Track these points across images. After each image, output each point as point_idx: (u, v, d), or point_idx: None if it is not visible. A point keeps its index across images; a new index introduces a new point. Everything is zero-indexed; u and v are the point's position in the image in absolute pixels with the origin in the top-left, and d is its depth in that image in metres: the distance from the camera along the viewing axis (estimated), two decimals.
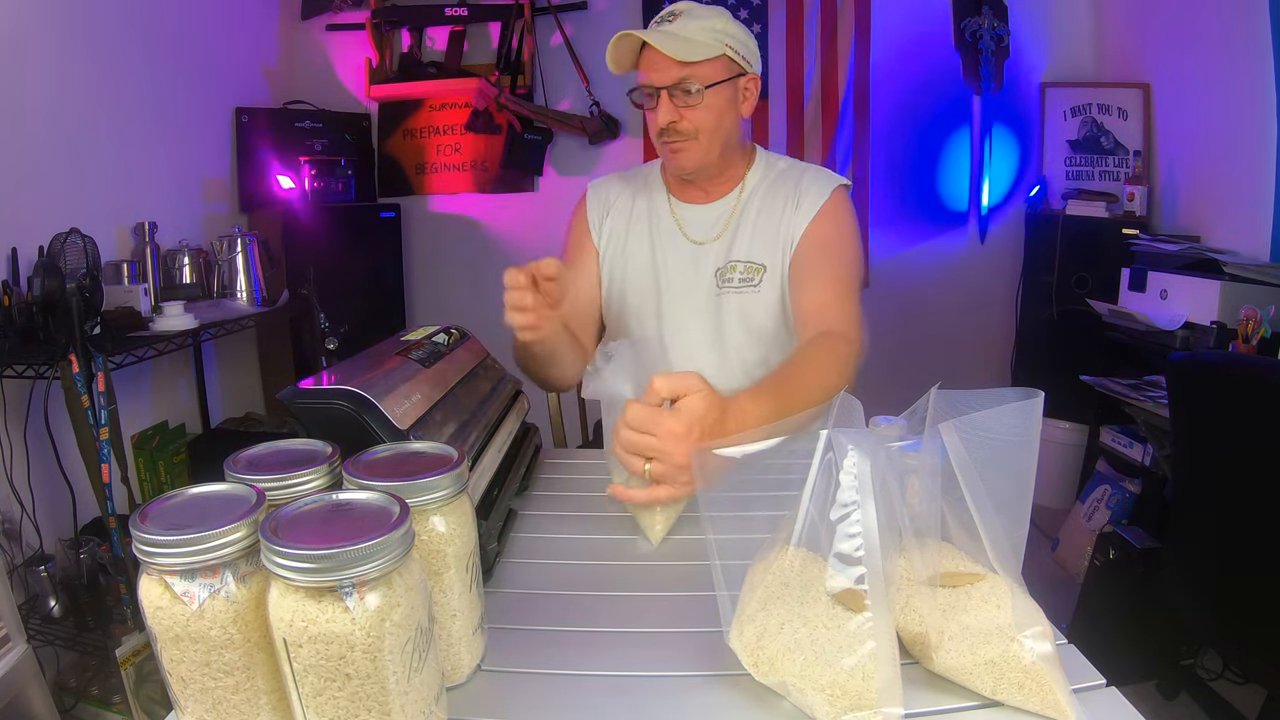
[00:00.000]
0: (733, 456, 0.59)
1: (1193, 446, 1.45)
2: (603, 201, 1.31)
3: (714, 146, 1.16)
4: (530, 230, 3.07)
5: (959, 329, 3.06)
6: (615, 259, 1.28)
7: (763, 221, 1.20)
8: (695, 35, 1.09)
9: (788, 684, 0.52)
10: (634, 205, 1.29)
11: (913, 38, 2.92)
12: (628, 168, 1.37)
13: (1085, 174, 2.84)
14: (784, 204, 1.19)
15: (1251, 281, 1.95)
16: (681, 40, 1.08)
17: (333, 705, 0.44)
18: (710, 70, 1.10)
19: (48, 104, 1.88)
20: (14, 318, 1.57)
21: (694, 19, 1.10)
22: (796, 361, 0.97)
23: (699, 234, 1.24)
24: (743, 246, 1.20)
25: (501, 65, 2.89)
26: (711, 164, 1.19)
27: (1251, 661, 1.38)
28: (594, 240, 1.30)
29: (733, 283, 1.20)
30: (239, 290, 2.23)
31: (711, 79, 1.11)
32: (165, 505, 0.48)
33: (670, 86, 1.10)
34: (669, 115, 1.12)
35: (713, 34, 1.10)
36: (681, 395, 0.72)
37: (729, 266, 1.20)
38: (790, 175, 1.23)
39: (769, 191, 1.22)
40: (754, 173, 1.25)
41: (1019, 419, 0.53)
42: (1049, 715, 0.51)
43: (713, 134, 1.14)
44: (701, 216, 1.24)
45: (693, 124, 1.12)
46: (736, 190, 1.24)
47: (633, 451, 0.72)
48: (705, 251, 1.23)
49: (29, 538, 1.71)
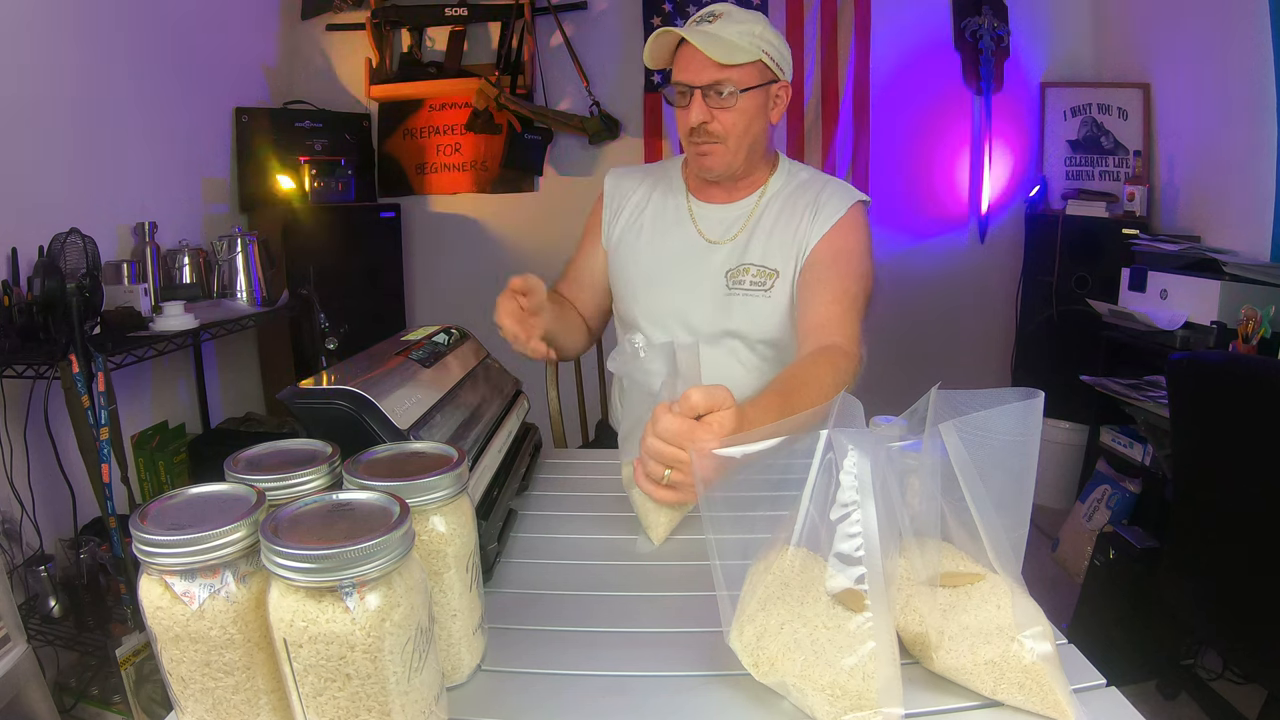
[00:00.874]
0: (733, 457, 0.59)
1: (1193, 446, 1.45)
2: (619, 193, 1.32)
3: (740, 151, 1.16)
4: (530, 230, 3.07)
5: (959, 329, 3.06)
6: (627, 251, 1.29)
7: (780, 228, 1.20)
8: (734, 38, 1.09)
9: (788, 684, 0.52)
10: (650, 199, 1.30)
11: (913, 38, 2.92)
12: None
13: (1085, 174, 2.84)
14: (802, 212, 1.20)
15: (1251, 281, 1.95)
16: (721, 42, 1.09)
17: (333, 705, 0.44)
18: (745, 75, 1.11)
19: (48, 104, 1.88)
20: (14, 318, 1.57)
21: (733, 22, 1.11)
22: (801, 374, 0.96)
23: (714, 233, 1.24)
24: (757, 250, 1.20)
25: (501, 65, 2.90)
26: (737, 168, 1.19)
27: (1251, 661, 1.38)
28: (604, 231, 1.32)
29: (744, 285, 1.20)
30: (239, 290, 2.23)
31: (746, 83, 1.11)
32: (165, 505, 0.48)
33: (705, 87, 1.11)
34: (701, 115, 1.12)
35: (751, 38, 1.10)
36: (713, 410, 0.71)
37: (742, 269, 1.20)
38: (812, 186, 1.23)
39: (789, 199, 1.22)
40: (776, 179, 1.25)
41: (1019, 419, 0.53)
42: (1049, 715, 0.51)
43: (741, 138, 1.15)
44: (719, 216, 1.25)
45: (723, 126, 1.13)
46: (757, 194, 1.24)
47: (659, 460, 0.72)
48: (718, 251, 1.23)
49: (29, 538, 1.71)
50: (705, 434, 0.70)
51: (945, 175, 3.01)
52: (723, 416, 0.71)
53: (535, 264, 3.27)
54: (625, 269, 1.29)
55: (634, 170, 1.36)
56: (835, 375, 0.96)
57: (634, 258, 1.28)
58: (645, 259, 1.27)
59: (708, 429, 0.70)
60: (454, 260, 3.14)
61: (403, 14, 2.91)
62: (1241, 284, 1.95)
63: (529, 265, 1.06)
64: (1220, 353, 1.83)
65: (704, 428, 0.70)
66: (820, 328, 1.08)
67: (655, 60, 1.16)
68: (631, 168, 1.38)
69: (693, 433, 0.70)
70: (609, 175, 1.36)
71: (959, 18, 2.88)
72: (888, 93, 2.93)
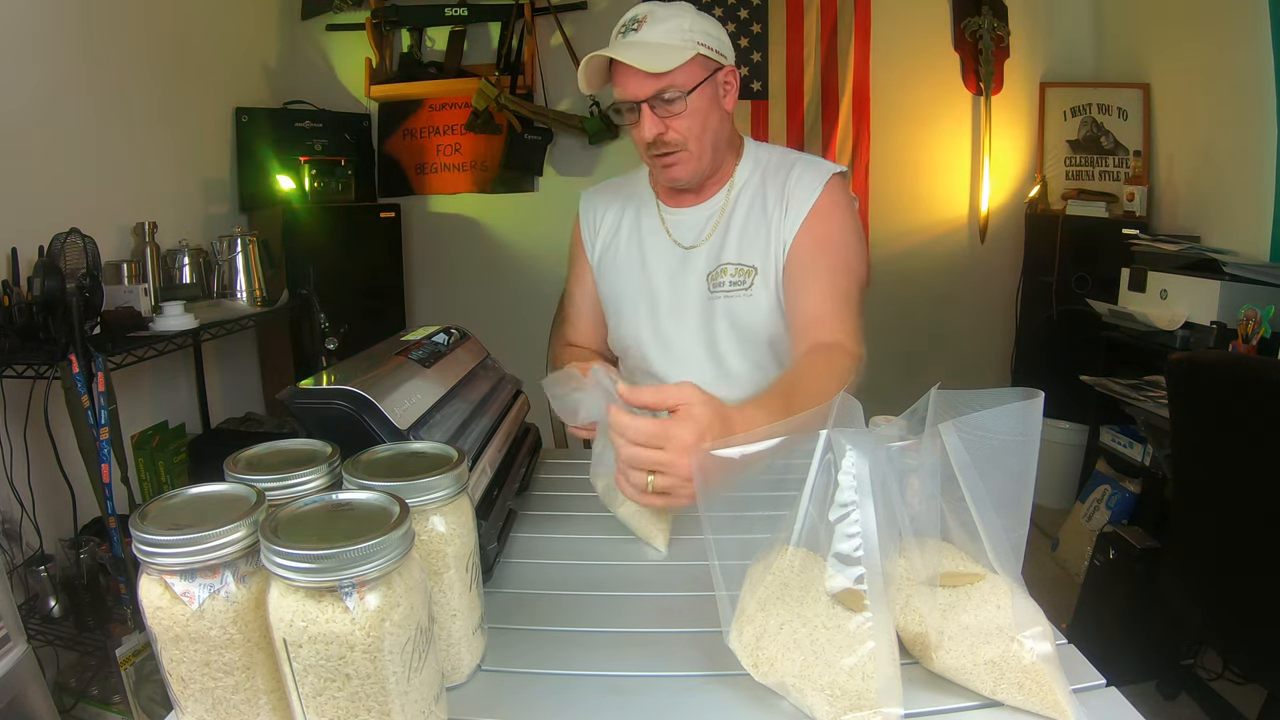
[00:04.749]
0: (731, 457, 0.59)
1: (1193, 446, 1.45)
2: (592, 215, 1.29)
3: (705, 152, 1.12)
4: (530, 230, 3.07)
5: (959, 329, 3.06)
6: (607, 271, 1.27)
7: (752, 222, 1.15)
8: (664, 40, 1.04)
9: (787, 684, 0.52)
10: (623, 216, 1.26)
11: (913, 38, 2.92)
12: (627, 170, 1.36)
13: (1085, 174, 2.84)
14: (774, 204, 1.14)
15: (1251, 281, 1.95)
16: (650, 49, 1.03)
17: (332, 705, 0.44)
18: (686, 74, 1.05)
19: (48, 104, 1.88)
20: (14, 318, 1.57)
21: (659, 22, 1.05)
22: (801, 373, 0.94)
23: (687, 238, 1.20)
24: (732, 248, 1.16)
25: (501, 65, 2.90)
26: (706, 169, 1.15)
27: (1251, 661, 1.38)
28: (587, 255, 1.29)
29: (724, 286, 1.15)
30: (239, 290, 2.23)
31: (690, 83, 1.05)
32: (165, 505, 0.48)
33: (649, 99, 1.05)
34: (654, 128, 1.07)
35: (681, 35, 1.04)
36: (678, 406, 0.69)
37: (719, 270, 1.16)
38: (780, 170, 1.16)
39: (758, 189, 1.17)
40: (742, 168, 1.20)
41: (1019, 419, 0.53)
42: (1049, 715, 0.51)
43: (700, 139, 1.10)
44: (690, 220, 1.21)
45: (680, 133, 1.08)
46: (724, 190, 1.19)
47: (638, 466, 0.69)
48: (694, 255, 1.19)
49: (29, 538, 1.71)
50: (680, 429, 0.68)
51: (945, 175, 3.01)
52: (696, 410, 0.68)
53: (535, 264, 3.29)
54: (609, 291, 1.26)
55: (604, 189, 1.32)
56: (836, 375, 0.93)
57: (615, 279, 1.25)
58: (625, 278, 1.24)
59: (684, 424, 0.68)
60: (454, 260, 3.14)
61: (403, 14, 2.92)
62: (1241, 284, 1.95)
63: (529, 265, 1.06)
64: (1220, 353, 1.83)
65: (677, 423, 0.68)
66: (814, 325, 1.04)
67: (592, 84, 1.10)
68: (601, 187, 1.33)
69: (667, 430, 0.67)
70: (581, 198, 1.32)
71: (959, 18, 2.88)
72: (888, 93, 2.93)
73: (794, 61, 2.92)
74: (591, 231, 1.29)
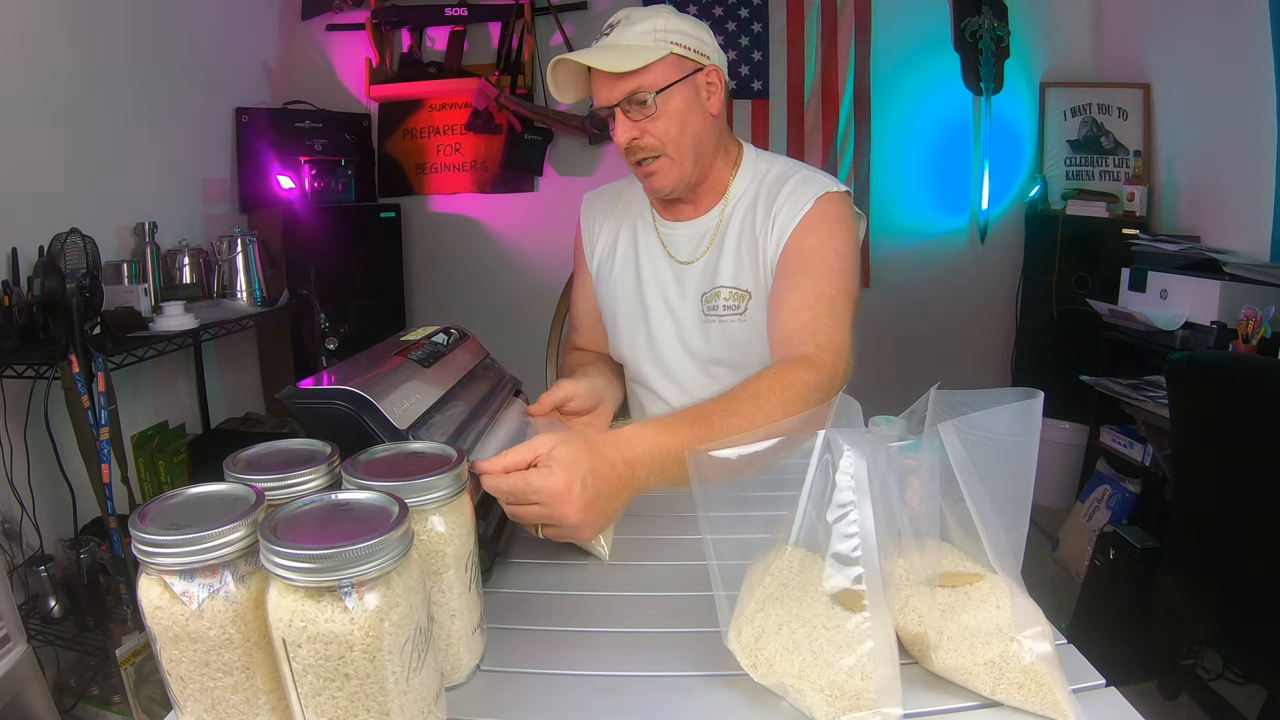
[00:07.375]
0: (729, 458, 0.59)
1: (1193, 446, 1.45)
2: (591, 222, 1.27)
3: (685, 158, 1.06)
4: (530, 230, 3.07)
5: (959, 329, 3.06)
6: (604, 283, 1.25)
7: (745, 242, 1.11)
8: (633, 41, 1.01)
9: (786, 684, 0.52)
10: (620, 227, 1.24)
11: (913, 38, 2.92)
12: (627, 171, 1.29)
13: (1085, 174, 2.84)
14: (762, 224, 1.09)
15: (1251, 281, 1.95)
16: (617, 50, 1.01)
17: (332, 705, 0.44)
18: (658, 74, 1.01)
19: (48, 104, 1.89)
20: (14, 318, 1.57)
21: (632, 24, 1.02)
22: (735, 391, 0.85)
23: (683, 253, 1.16)
24: (727, 270, 1.12)
25: (501, 65, 2.90)
26: (688, 177, 1.09)
27: (1251, 661, 1.38)
28: (587, 262, 1.27)
29: (718, 310, 1.12)
30: (239, 290, 2.23)
31: (661, 83, 1.01)
32: (165, 505, 0.48)
33: (621, 102, 1.02)
34: (629, 132, 1.03)
35: (652, 35, 1.01)
36: (534, 459, 0.68)
37: (714, 293, 1.12)
38: (775, 186, 1.11)
39: (752, 206, 1.12)
40: (739, 181, 1.14)
41: (1019, 419, 0.53)
42: (1049, 715, 0.51)
43: (679, 143, 1.05)
44: (687, 233, 1.17)
45: (655, 137, 1.04)
46: (720, 204, 1.15)
47: (525, 522, 0.69)
48: (690, 271, 1.15)
49: (29, 538, 1.71)
50: (544, 480, 0.66)
51: (945, 175, 3.01)
52: (557, 453, 0.67)
53: (535, 264, 3.28)
54: (606, 303, 1.24)
55: (605, 194, 1.28)
56: (781, 391, 0.84)
57: (611, 292, 1.23)
58: (621, 292, 1.21)
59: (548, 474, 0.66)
60: (454, 260, 3.14)
61: (403, 14, 2.92)
62: (1241, 284, 1.95)
63: (529, 265, 1.06)
64: (1220, 353, 1.83)
65: (539, 475, 0.66)
66: (787, 339, 0.98)
67: (565, 93, 1.06)
68: (604, 191, 1.29)
69: (530, 484, 0.66)
70: (584, 202, 1.30)
71: (959, 18, 2.88)
72: (888, 93, 2.93)
73: (794, 61, 2.92)
74: (590, 239, 1.27)
